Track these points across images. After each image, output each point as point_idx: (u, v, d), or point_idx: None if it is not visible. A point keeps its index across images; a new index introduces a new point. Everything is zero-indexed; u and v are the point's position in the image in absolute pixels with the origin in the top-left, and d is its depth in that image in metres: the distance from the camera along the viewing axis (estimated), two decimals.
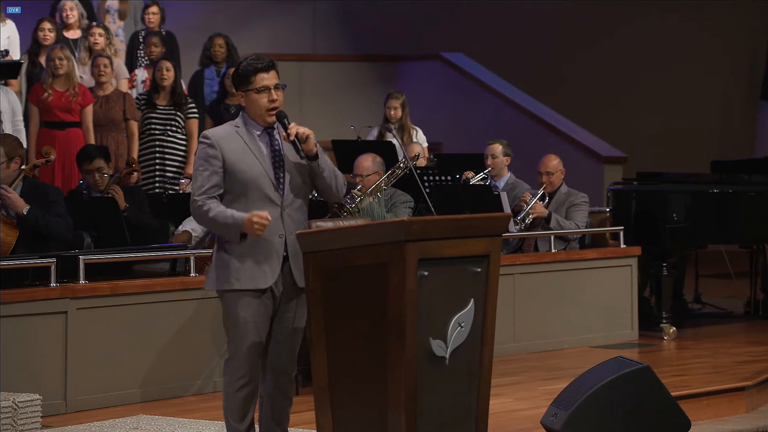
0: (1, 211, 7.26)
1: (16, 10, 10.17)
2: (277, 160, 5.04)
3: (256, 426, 5.18)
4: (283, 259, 5.02)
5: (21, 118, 9.31)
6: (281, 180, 5.03)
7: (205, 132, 5.12)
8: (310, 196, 8.12)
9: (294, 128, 5.01)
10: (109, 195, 8.18)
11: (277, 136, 5.09)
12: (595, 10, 14.68)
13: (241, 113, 5.13)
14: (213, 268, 5.09)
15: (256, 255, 4.98)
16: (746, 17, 15.13)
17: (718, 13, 15.00)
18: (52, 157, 7.97)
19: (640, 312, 9.28)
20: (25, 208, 7.19)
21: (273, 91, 5.03)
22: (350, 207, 7.75)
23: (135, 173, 9.08)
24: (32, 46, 10.19)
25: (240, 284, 4.99)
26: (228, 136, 5.05)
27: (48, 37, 10.09)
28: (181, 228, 8.13)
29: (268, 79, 5.03)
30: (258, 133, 5.07)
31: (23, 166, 7.39)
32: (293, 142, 5.02)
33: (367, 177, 8.17)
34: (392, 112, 10.25)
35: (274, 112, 5.05)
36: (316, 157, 5.04)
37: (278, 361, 5.11)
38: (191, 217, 8.07)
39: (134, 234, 8.09)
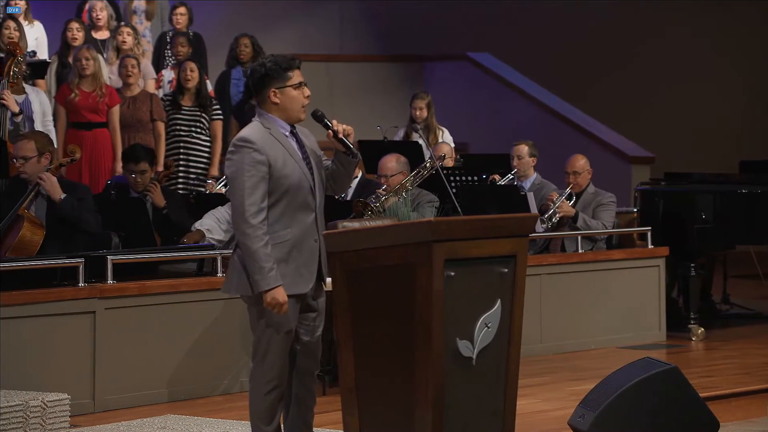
0: (29, 209, 7.32)
1: (17, 10, 10.21)
2: (308, 162, 5.04)
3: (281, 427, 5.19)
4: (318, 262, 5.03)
5: (51, 118, 9.35)
6: (315, 183, 5.04)
7: (245, 136, 4.96)
8: (337, 197, 8.19)
9: (340, 125, 5.03)
10: (147, 195, 8.19)
11: (301, 137, 5.07)
12: (622, 11, 14.63)
13: (261, 114, 5.03)
14: (243, 272, 4.98)
15: (297, 260, 4.96)
16: None
17: (747, 13, 14.92)
18: (78, 155, 8.01)
19: (667, 313, 9.25)
20: (61, 195, 7.26)
21: (306, 87, 5.04)
22: (375, 206, 7.75)
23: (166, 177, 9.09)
24: (61, 47, 10.24)
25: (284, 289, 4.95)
26: (267, 139, 4.95)
27: (77, 37, 10.13)
28: (196, 226, 8.13)
29: (300, 75, 5.03)
30: (286, 133, 5.04)
31: (51, 164, 7.44)
32: (341, 140, 5.02)
33: (391, 177, 8.18)
34: (418, 113, 10.24)
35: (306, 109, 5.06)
36: (357, 153, 5.06)
37: (305, 361, 5.11)
38: (207, 216, 8.16)
39: (172, 233, 8.10)
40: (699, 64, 14.77)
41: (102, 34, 10.62)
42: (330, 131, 5.04)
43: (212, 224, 8.09)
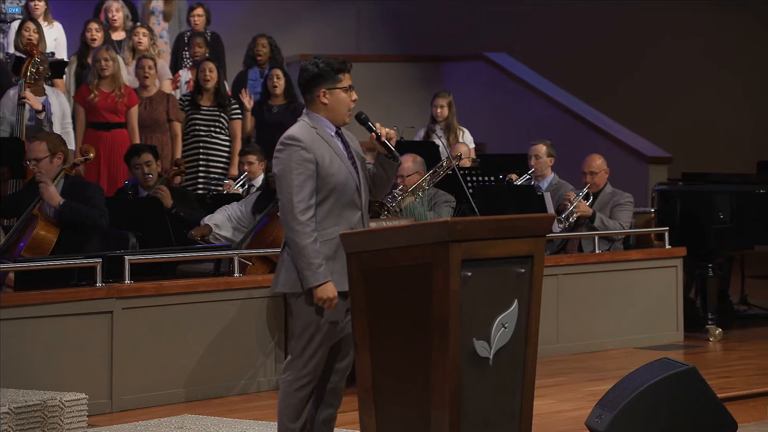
0: (42, 209, 7.33)
1: (16, 10, 10.25)
2: (353, 162, 5.06)
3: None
4: None
5: (70, 120, 9.39)
6: (361, 182, 5.06)
7: (292, 134, 4.97)
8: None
9: (382, 129, 5.05)
10: (156, 194, 8.24)
11: (346, 138, 5.10)
12: (638, 11, 14.60)
13: (308, 114, 5.06)
14: (290, 269, 4.98)
15: (343, 258, 4.92)
16: None
17: (762, 11, 14.88)
18: (92, 155, 8.03)
19: (685, 313, 9.22)
20: (59, 201, 7.26)
21: (353, 91, 5.06)
22: (391, 206, 7.76)
23: (178, 176, 9.11)
24: (80, 47, 10.27)
25: None
26: (313, 138, 4.98)
27: (96, 38, 10.16)
28: (205, 220, 8.15)
29: (349, 78, 5.07)
30: (332, 133, 5.06)
31: (64, 165, 7.46)
32: (383, 143, 5.04)
33: (407, 177, 8.18)
34: (439, 111, 10.25)
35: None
36: (398, 156, 5.08)
37: (340, 361, 5.12)
38: (219, 211, 8.17)
39: (178, 230, 8.11)
40: (716, 64, 14.73)
41: (118, 35, 10.65)
42: (373, 134, 5.06)
43: (223, 220, 8.08)
